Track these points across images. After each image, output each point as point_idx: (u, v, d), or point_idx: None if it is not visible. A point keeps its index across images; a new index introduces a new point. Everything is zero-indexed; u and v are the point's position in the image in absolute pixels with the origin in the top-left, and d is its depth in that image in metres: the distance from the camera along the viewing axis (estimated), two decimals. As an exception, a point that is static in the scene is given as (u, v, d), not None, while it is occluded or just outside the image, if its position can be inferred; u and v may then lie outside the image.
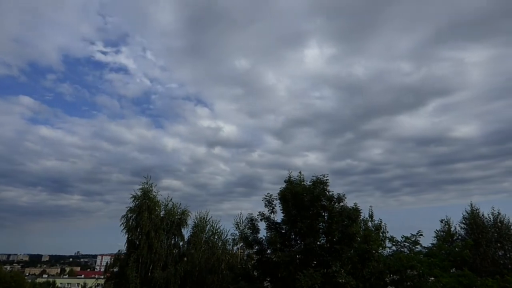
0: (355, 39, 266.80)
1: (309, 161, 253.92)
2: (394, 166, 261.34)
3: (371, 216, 20.13)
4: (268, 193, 17.44)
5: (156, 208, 21.96)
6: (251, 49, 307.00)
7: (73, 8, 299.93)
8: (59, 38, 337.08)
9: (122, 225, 21.18)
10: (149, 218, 20.98)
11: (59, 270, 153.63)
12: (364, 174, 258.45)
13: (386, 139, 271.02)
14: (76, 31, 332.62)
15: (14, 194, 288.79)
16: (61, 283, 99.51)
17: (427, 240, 19.97)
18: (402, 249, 18.10)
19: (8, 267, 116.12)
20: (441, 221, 25.22)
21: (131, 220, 21.20)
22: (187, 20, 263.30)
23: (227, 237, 22.73)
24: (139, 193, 21.89)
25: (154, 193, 22.27)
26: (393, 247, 18.76)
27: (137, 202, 21.60)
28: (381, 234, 19.25)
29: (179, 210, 22.87)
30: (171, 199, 23.11)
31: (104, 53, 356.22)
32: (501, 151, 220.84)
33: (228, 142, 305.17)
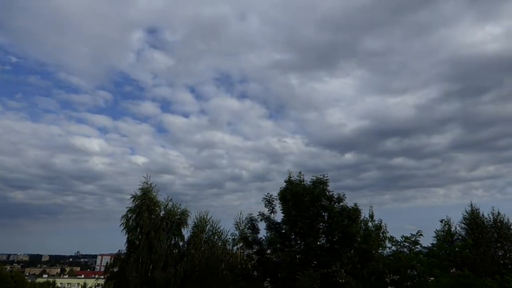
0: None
1: (185, 166, 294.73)
2: (276, 175, 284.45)
3: (371, 216, 20.10)
4: (268, 193, 17.46)
5: (156, 208, 21.92)
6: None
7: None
8: None
9: (122, 225, 21.15)
10: (149, 218, 20.94)
11: (59, 270, 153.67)
12: (252, 182, 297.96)
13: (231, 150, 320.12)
14: None
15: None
16: (61, 283, 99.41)
17: (427, 240, 19.96)
18: (402, 249, 18.08)
19: (8, 267, 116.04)
20: (441, 221, 25.16)
21: (131, 220, 21.17)
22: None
23: (227, 237, 22.72)
24: (139, 193, 21.85)
25: (154, 193, 22.23)
26: (393, 247, 18.74)
27: (137, 202, 21.55)
28: (381, 234, 19.24)
29: (179, 210, 22.82)
30: (171, 199, 23.08)
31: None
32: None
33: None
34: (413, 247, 17.65)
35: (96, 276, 76.29)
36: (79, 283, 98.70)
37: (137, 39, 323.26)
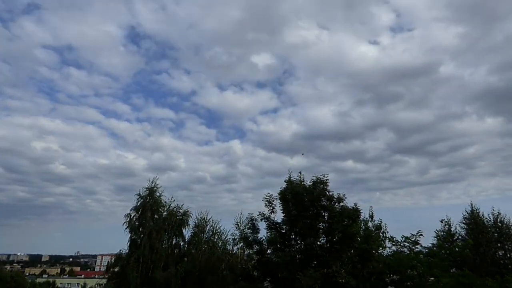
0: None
1: (146, 168, 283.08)
2: (241, 177, 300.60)
3: (371, 216, 20.11)
4: (268, 193, 17.48)
5: (159, 208, 21.98)
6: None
7: None
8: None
9: (125, 224, 21.20)
10: (152, 218, 21.01)
11: (59, 270, 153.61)
12: (219, 185, 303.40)
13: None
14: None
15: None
16: (61, 283, 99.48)
17: (428, 240, 19.98)
18: (402, 249, 18.10)
19: (8, 267, 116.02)
20: (441, 221, 25.18)
21: (134, 220, 21.24)
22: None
23: (227, 237, 22.73)
24: (143, 192, 21.91)
25: (158, 193, 22.29)
26: (393, 247, 18.76)
27: (141, 201, 21.61)
28: (381, 234, 19.25)
29: (180, 210, 22.89)
30: (174, 200, 23.13)
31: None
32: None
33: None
34: (413, 247, 17.69)
35: (97, 276, 76.33)
36: (79, 283, 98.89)
37: (48, 58, 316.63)
